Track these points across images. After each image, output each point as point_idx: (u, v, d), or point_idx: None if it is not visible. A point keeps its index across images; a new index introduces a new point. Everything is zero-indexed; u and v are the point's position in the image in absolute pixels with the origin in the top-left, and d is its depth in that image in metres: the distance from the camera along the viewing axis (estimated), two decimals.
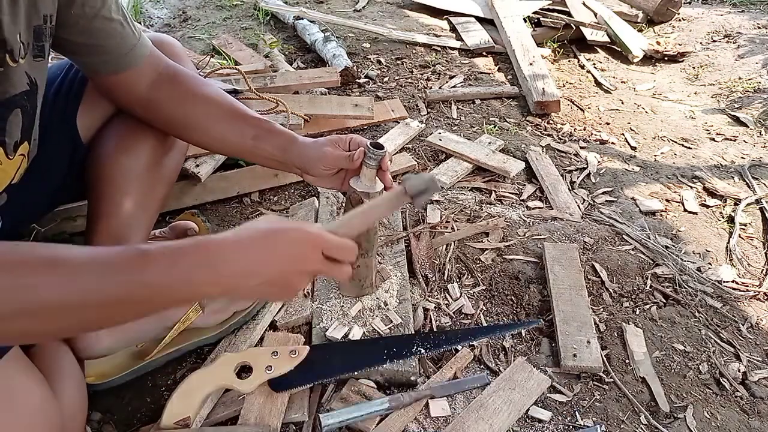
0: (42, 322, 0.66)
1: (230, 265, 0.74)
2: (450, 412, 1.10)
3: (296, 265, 0.79)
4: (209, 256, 0.74)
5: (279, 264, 0.77)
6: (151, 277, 0.70)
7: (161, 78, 1.09)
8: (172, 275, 0.71)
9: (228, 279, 0.75)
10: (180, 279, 0.72)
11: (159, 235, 1.35)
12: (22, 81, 0.86)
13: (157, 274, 0.70)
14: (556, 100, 2.20)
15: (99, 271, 0.68)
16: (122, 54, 1.02)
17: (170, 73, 1.10)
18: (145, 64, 1.06)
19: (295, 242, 0.79)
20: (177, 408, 0.99)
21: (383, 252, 1.43)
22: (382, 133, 1.97)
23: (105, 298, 0.68)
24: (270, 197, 1.69)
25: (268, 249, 0.77)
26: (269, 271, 0.77)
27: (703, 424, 1.12)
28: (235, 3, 3.10)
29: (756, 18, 3.06)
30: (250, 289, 0.77)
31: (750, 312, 1.38)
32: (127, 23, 1.02)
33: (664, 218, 1.69)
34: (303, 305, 1.28)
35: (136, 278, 0.69)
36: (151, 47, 1.09)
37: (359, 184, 1.09)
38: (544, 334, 1.29)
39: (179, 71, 1.11)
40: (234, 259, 0.75)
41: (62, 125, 1.12)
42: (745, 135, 2.15)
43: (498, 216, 1.60)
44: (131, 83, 1.07)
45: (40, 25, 0.87)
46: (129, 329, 1.10)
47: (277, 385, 1.07)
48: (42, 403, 0.81)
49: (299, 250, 0.79)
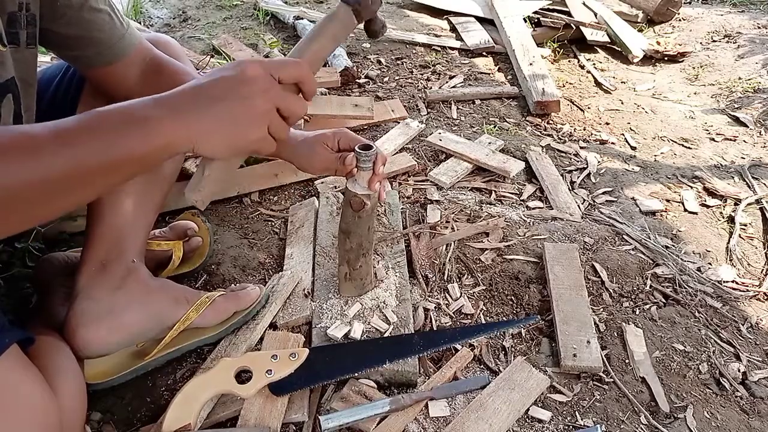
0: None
1: (184, 106, 0.74)
2: (450, 412, 1.10)
3: (243, 86, 0.75)
4: (162, 102, 0.74)
5: (230, 89, 0.75)
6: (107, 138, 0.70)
7: (147, 68, 1.09)
8: (129, 129, 0.71)
9: (185, 117, 0.73)
10: (137, 131, 0.71)
11: (159, 235, 1.35)
12: (10, 66, 0.86)
13: (113, 133, 0.71)
14: (556, 100, 2.20)
15: (59, 143, 0.68)
16: (112, 44, 1.02)
17: (155, 63, 1.09)
18: (134, 54, 1.06)
19: (235, 67, 0.77)
20: (177, 414, 0.99)
21: (383, 252, 1.43)
22: (382, 133, 1.97)
23: (70, 168, 0.68)
24: (270, 197, 1.69)
25: (212, 80, 0.76)
26: (220, 97, 0.75)
27: (703, 424, 1.12)
28: (235, 3, 3.10)
29: (756, 18, 3.06)
30: (212, 125, 0.74)
31: (750, 312, 1.38)
32: (114, 14, 1.02)
33: (664, 218, 1.69)
34: (303, 305, 1.28)
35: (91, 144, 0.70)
36: (141, 38, 1.09)
37: (356, 186, 1.09)
38: (544, 334, 1.29)
39: (164, 62, 1.10)
40: (185, 99, 0.74)
41: None
42: (745, 135, 2.15)
43: (498, 216, 1.60)
44: (122, 75, 1.06)
45: (15, 11, 0.87)
46: (129, 328, 1.10)
47: (278, 389, 1.07)
48: (41, 401, 0.81)
49: (243, 71, 0.76)
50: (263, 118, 0.77)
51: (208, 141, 0.75)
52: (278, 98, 0.78)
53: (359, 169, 1.07)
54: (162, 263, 1.31)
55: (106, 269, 1.08)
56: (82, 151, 0.69)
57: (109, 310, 1.07)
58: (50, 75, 1.16)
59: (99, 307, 1.06)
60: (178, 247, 1.32)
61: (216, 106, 0.74)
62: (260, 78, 0.76)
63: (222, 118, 0.75)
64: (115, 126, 0.71)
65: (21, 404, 0.79)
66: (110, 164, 0.72)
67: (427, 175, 1.79)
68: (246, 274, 1.41)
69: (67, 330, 1.05)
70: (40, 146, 0.67)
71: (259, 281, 1.39)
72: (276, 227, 1.58)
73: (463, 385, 1.15)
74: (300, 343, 1.18)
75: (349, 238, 1.18)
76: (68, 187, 0.70)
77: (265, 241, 1.53)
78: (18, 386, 0.80)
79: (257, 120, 0.77)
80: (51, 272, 1.21)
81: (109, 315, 1.07)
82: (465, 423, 1.06)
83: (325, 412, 1.07)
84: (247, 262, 1.44)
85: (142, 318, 1.11)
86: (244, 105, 0.75)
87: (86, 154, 0.69)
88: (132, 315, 1.09)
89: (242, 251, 1.47)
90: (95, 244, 1.09)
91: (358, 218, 1.14)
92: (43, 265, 1.23)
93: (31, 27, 0.91)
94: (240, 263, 1.43)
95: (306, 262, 1.40)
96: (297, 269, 1.37)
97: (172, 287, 1.18)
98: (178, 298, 1.15)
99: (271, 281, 1.34)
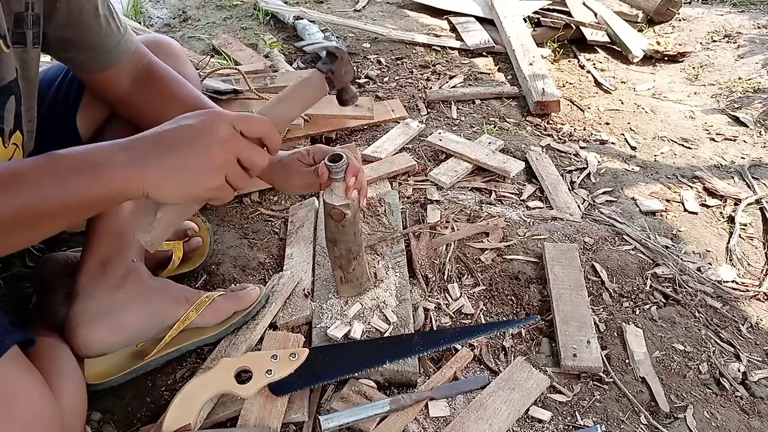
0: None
1: (141, 151, 0.75)
2: (450, 412, 1.10)
3: (201, 137, 0.76)
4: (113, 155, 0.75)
5: (190, 138, 0.76)
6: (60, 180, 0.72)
7: (139, 76, 1.07)
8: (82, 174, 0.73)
9: (141, 164, 0.74)
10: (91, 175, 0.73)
11: None
12: (13, 68, 0.86)
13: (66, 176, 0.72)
14: (556, 100, 2.20)
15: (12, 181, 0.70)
16: (107, 50, 1.01)
17: (146, 71, 1.08)
18: (128, 61, 1.05)
19: (199, 116, 0.79)
20: (177, 414, 0.99)
21: (383, 252, 1.43)
22: (382, 133, 1.97)
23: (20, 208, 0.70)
24: (270, 197, 1.69)
25: (174, 127, 0.78)
26: (178, 145, 0.76)
27: (703, 424, 1.12)
28: (235, 3, 3.10)
29: (756, 18, 3.06)
30: (167, 172, 0.75)
31: (750, 312, 1.38)
32: (113, 19, 1.01)
33: (664, 218, 1.69)
34: (303, 305, 1.28)
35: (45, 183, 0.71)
36: (137, 44, 1.07)
37: (333, 197, 1.09)
38: (544, 334, 1.29)
39: (155, 69, 1.09)
40: (144, 145, 0.76)
41: (62, 125, 1.12)
42: (745, 135, 2.15)
43: (498, 216, 1.60)
44: (115, 80, 1.06)
45: (21, 12, 0.87)
46: (129, 328, 1.10)
47: (278, 389, 1.07)
48: (41, 402, 0.81)
49: (205, 121, 0.78)
50: (220, 168, 0.78)
51: (161, 187, 0.76)
52: (238, 149, 0.79)
53: (333, 181, 1.07)
54: (162, 263, 1.31)
55: (106, 269, 1.08)
56: (34, 193, 0.71)
57: (109, 310, 1.07)
58: (51, 75, 1.16)
59: (99, 306, 1.06)
60: (178, 247, 1.32)
61: (173, 154, 0.75)
62: (221, 128, 0.77)
63: (177, 166, 0.76)
64: (68, 170, 0.73)
65: (21, 406, 0.79)
66: (61, 207, 0.73)
67: (427, 175, 1.79)
68: (246, 274, 1.41)
69: (67, 330, 1.05)
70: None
71: (259, 281, 1.39)
72: (276, 227, 1.58)
73: (463, 385, 1.15)
74: (300, 343, 1.18)
75: (337, 246, 1.18)
76: (16, 227, 0.71)
77: (265, 241, 1.53)
78: (18, 388, 0.80)
79: (213, 170, 0.77)
80: (51, 272, 1.21)
81: (109, 315, 1.07)
82: (465, 423, 1.06)
83: (325, 412, 1.07)
84: (247, 262, 1.44)
85: (142, 318, 1.11)
86: (201, 154, 0.76)
87: (38, 196, 0.71)
88: (132, 315, 1.09)
89: (242, 251, 1.47)
90: (95, 243, 1.09)
91: (341, 227, 1.14)
92: (43, 265, 1.23)
93: (36, 27, 0.91)
94: (240, 263, 1.43)
95: (306, 262, 1.40)
96: (297, 269, 1.37)
97: (172, 287, 1.18)
98: (178, 297, 1.15)
99: (271, 281, 1.34)
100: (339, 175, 1.06)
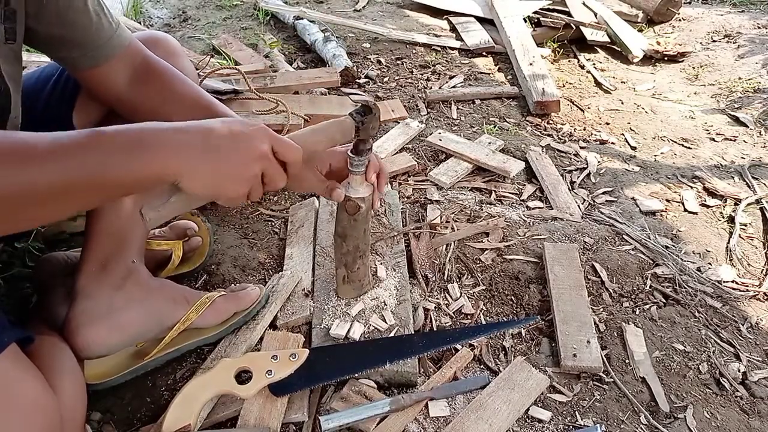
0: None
1: (191, 140, 0.77)
2: (450, 412, 1.10)
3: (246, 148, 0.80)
4: (163, 136, 0.76)
5: (236, 144, 0.79)
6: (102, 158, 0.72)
7: (137, 73, 1.05)
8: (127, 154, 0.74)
9: (186, 154, 0.76)
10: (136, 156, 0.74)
11: (158, 234, 1.35)
12: None
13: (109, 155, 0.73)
14: (555, 100, 2.20)
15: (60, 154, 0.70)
16: (97, 46, 0.99)
17: (144, 68, 1.05)
18: (120, 56, 1.02)
19: (248, 126, 0.82)
20: (177, 415, 0.99)
21: (383, 252, 1.43)
22: (382, 134, 1.97)
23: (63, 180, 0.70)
24: (270, 197, 1.69)
25: (224, 127, 0.80)
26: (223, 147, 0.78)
27: (703, 424, 1.12)
28: (235, 3, 3.10)
29: (756, 18, 3.06)
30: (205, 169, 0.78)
31: (750, 312, 1.38)
32: (104, 15, 1.00)
33: (664, 218, 1.69)
34: (303, 305, 1.28)
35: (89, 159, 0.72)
36: (131, 39, 1.05)
37: (350, 190, 1.09)
38: (544, 334, 1.29)
39: (154, 66, 1.06)
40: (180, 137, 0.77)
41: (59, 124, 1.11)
42: (745, 135, 2.15)
43: (498, 216, 1.60)
44: (111, 77, 1.03)
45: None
46: (129, 329, 1.10)
47: (278, 389, 1.07)
48: (41, 400, 0.81)
49: (254, 133, 0.81)
50: (249, 180, 0.82)
51: (194, 180, 0.78)
52: (267, 167, 0.83)
53: (352, 173, 1.07)
54: (161, 263, 1.31)
55: (106, 269, 1.08)
56: (74, 167, 0.71)
57: (109, 311, 1.07)
58: (47, 74, 1.15)
59: (99, 307, 1.06)
60: (178, 246, 1.32)
61: (216, 154, 0.78)
62: (264, 145, 0.81)
63: (216, 167, 0.79)
64: (117, 148, 0.73)
65: (21, 403, 0.79)
66: (98, 184, 0.74)
67: (427, 175, 1.79)
68: (246, 274, 1.41)
69: (67, 330, 1.05)
70: (33, 156, 0.69)
71: (259, 281, 1.39)
72: (276, 227, 1.58)
73: (463, 385, 1.15)
74: (300, 344, 1.18)
75: (346, 242, 1.18)
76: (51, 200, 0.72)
77: (265, 241, 1.53)
78: (18, 385, 0.80)
79: (244, 181, 0.81)
80: (51, 272, 1.21)
81: (109, 315, 1.07)
82: (465, 423, 1.06)
83: (325, 413, 1.07)
84: (247, 262, 1.44)
85: (142, 318, 1.11)
86: (240, 163, 0.80)
87: (77, 171, 0.71)
88: (132, 315, 1.09)
89: (242, 251, 1.47)
90: (95, 244, 1.09)
91: (353, 221, 1.14)
92: (43, 265, 1.23)
93: (10, 22, 0.89)
94: (240, 263, 1.43)
95: (306, 262, 1.40)
96: (297, 269, 1.37)
97: (172, 287, 1.18)
98: (178, 298, 1.15)
99: (271, 281, 1.34)
100: (359, 168, 1.06)
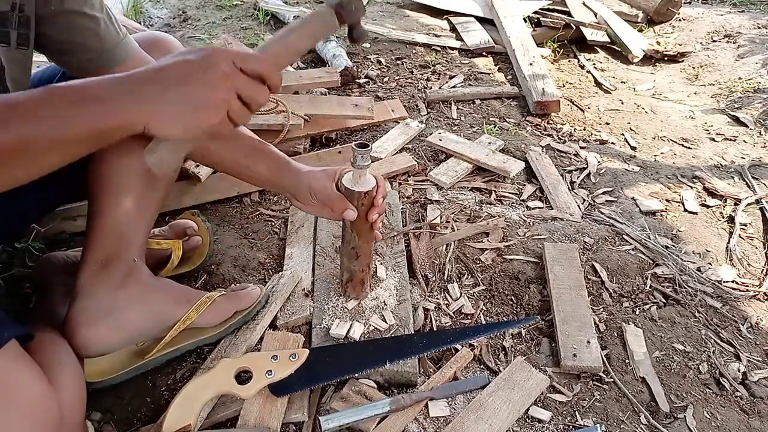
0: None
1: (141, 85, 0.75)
2: (450, 412, 1.10)
3: (204, 74, 0.76)
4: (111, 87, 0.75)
5: (191, 73, 0.76)
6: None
7: None
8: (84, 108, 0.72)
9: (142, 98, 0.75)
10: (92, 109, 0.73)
11: (158, 234, 1.35)
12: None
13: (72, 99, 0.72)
14: (556, 100, 2.20)
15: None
16: (104, 51, 1.01)
17: None
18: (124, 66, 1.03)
19: (199, 52, 0.79)
20: (177, 415, 0.99)
21: (383, 252, 1.42)
22: (382, 133, 1.97)
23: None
24: (270, 197, 1.69)
25: (175, 62, 0.77)
26: (180, 80, 0.76)
27: (703, 424, 1.12)
28: (235, 3, 3.10)
29: (756, 18, 3.06)
30: (168, 107, 0.75)
31: (750, 312, 1.38)
32: (111, 22, 1.01)
33: (664, 218, 1.69)
34: (303, 305, 1.28)
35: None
36: (137, 49, 1.07)
37: (351, 183, 1.10)
38: (544, 334, 1.29)
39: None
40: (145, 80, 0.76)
41: None
42: (745, 135, 2.15)
43: (498, 216, 1.60)
44: None
45: (6, 11, 0.88)
46: (129, 328, 1.10)
47: (278, 390, 1.07)
48: (41, 396, 0.81)
49: (206, 56, 0.78)
50: (221, 105, 0.78)
51: (162, 122, 0.76)
52: (239, 85, 0.79)
53: (355, 167, 1.08)
54: (161, 262, 1.31)
55: (106, 268, 1.08)
56: (33, 125, 0.70)
57: (109, 310, 1.07)
58: (50, 75, 1.16)
59: (99, 306, 1.06)
60: (178, 246, 1.32)
61: (174, 88, 0.75)
62: (222, 64, 0.77)
63: (178, 100, 0.76)
64: (69, 103, 0.72)
65: (20, 398, 0.79)
66: (58, 140, 0.73)
67: (427, 175, 1.79)
68: (246, 274, 1.41)
69: (68, 329, 1.05)
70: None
71: (259, 281, 1.39)
72: (276, 227, 1.58)
73: (463, 385, 1.15)
74: (300, 344, 1.18)
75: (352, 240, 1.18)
76: (16, 159, 0.71)
77: (265, 241, 1.53)
78: (17, 380, 0.80)
79: (215, 108, 0.78)
80: (51, 272, 1.21)
81: (109, 314, 1.07)
82: (465, 423, 1.06)
83: (325, 413, 1.07)
84: (247, 262, 1.44)
85: (143, 317, 1.11)
86: (202, 89, 0.76)
87: (37, 128, 0.71)
88: (132, 314, 1.09)
89: (242, 251, 1.47)
90: (95, 243, 1.09)
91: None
92: (43, 264, 1.23)
93: (23, 28, 0.91)
94: (240, 263, 1.43)
95: (306, 262, 1.40)
96: (297, 269, 1.37)
97: (172, 287, 1.18)
98: (179, 297, 1.15)
99: (271, 281, 1.34)
100: (364, 162, 1.07)
